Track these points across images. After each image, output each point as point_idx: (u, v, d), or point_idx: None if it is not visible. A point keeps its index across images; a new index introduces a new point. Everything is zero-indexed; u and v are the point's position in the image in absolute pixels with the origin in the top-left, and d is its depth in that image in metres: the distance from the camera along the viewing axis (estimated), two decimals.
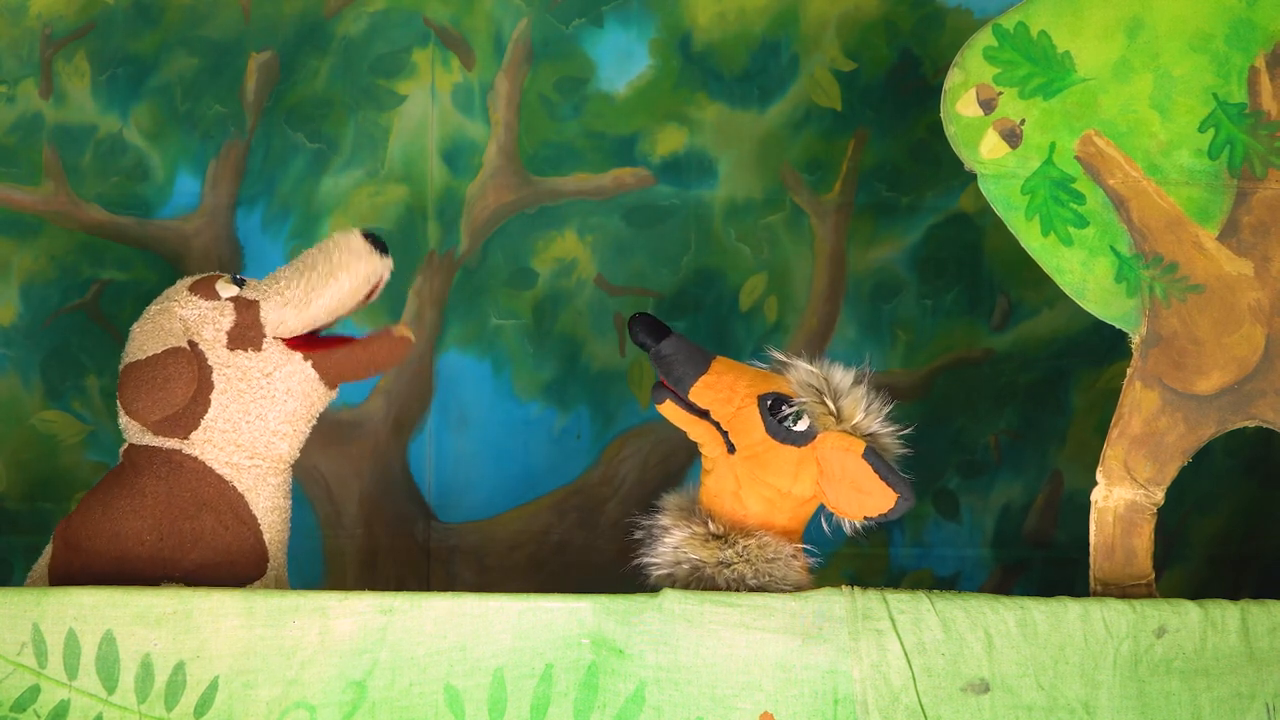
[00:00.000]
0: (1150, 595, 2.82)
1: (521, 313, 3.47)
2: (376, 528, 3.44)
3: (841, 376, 2.82)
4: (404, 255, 3.43)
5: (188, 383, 2.79)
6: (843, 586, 2.72)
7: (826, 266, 3.49)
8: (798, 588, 2.77)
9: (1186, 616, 2.72)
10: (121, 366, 2.85)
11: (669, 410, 2.82)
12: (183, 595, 2.64)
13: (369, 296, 2.89)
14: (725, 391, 2.81)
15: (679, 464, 3.46)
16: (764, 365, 2.88)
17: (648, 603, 2.67)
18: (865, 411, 2.80)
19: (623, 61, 3.46)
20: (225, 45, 3.43)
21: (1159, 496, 2.84)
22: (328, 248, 2.86)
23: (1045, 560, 3.50)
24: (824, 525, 2.85)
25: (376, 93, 3.44)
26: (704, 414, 2.82)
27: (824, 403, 2.80)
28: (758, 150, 3.47)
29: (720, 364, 2.83)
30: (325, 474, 3.42)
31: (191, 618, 2.63)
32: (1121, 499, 2.83)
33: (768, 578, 2.78)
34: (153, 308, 2.89)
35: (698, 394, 2.80)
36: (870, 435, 2.80)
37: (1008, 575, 3.50)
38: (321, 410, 2.91)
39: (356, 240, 2.85)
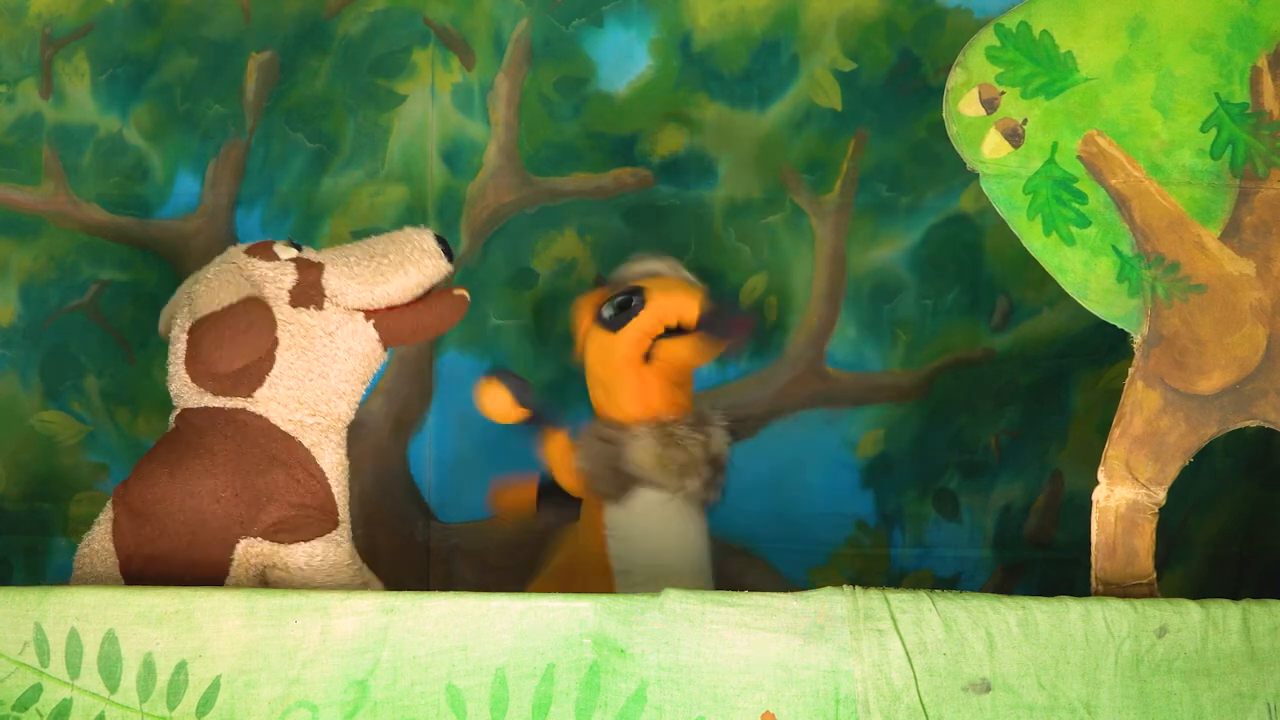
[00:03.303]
0: (1151, 595, 2.82)
1: (521, 313, 3.47)
2: (376, 528, 3.44)
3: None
4: None
5: (269, 329, 2.79)
6: (844, 586, 2.72)
7: (826, 266, 3.49)
8: None
9: (1188, 616, 2.71)
10: (191, 323, 2.80)
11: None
12: (184, 595, 2.64)
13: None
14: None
15: None
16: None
17: (649, 602, 2.67)
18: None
19: (623, 61, 3.46)
20: (225, 45, 3.42)
21: (1160, 496, 2.84)
22: (400, 240, 2.86)
23: (1046, 560, 3.50)
24: None
25: (376, 93, 3.44)
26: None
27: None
28: (758, 150, 3.47)
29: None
30: None
31: (193, 617, 2.62)
32: (1123, 499, 2.83)
33: None
34: (209, 270, 2.86)
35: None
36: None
37: (1009, 575, 3.50)
38: (375, 372, 2.90)
39: (429, 240, 2.85)
